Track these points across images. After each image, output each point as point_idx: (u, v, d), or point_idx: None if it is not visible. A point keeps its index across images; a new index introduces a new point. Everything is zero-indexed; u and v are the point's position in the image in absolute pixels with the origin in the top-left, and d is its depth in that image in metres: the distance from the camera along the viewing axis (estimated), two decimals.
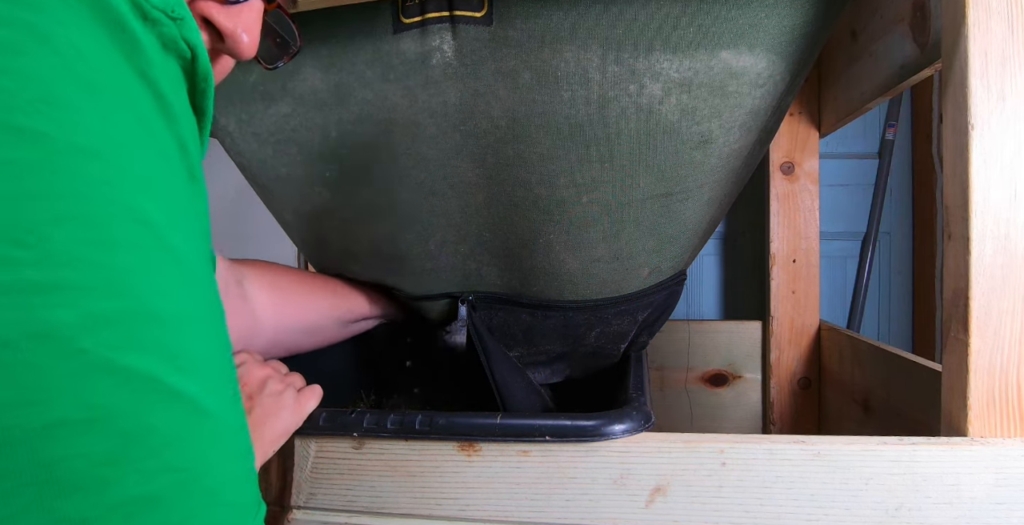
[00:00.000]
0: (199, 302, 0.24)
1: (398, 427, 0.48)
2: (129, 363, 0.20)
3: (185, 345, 0.23)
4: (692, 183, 0.55)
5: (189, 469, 0.22)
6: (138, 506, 0.20)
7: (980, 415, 0.43)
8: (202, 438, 0.23)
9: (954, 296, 0.45)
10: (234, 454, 0.26)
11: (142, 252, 0.21)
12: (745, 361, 1.11)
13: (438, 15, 0.50)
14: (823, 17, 0.49)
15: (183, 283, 0.23)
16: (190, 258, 0.24)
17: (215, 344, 0.25)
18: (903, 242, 1.32)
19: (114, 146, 0.21)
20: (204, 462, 0.23)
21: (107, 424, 0.20)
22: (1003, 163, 0.42)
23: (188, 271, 0.23)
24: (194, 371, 0.23)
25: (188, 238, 0.24)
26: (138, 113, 0.22)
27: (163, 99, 0.23)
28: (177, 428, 0.22)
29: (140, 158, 0.22)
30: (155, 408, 0.21)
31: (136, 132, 0.22)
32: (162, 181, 0.23)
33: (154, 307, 0.21)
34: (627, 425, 0.46)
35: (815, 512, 0.42)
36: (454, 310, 0.67)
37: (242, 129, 0.60)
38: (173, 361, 0.22)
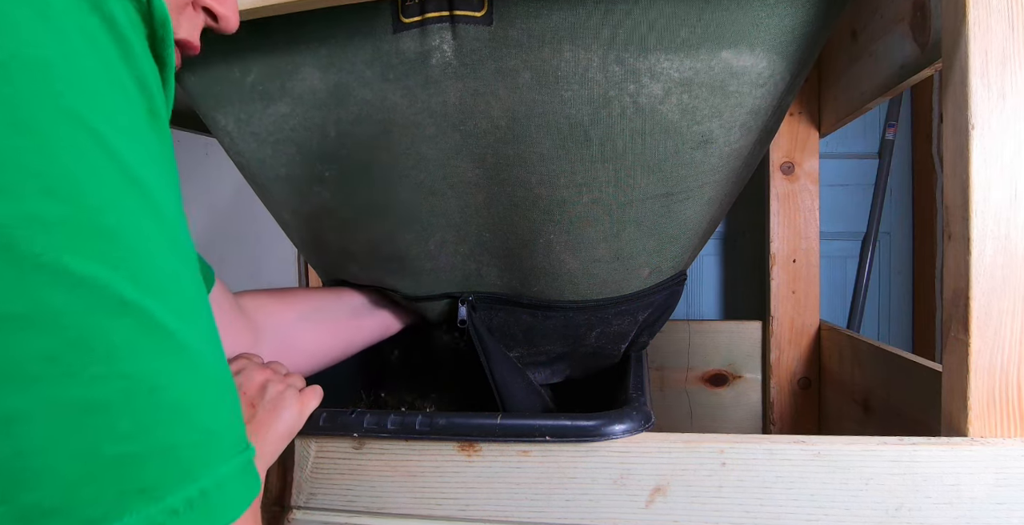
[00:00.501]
0: (157, 225, 0.24)
1: (398, 427, 0.48)
2: (71, 265, 0.20)
3: (142, 262, 0.23)
4: (692, 183, 0.55)
5: (142, 380, 0.22)
6: (77, 408, 0.20)
7: (980, 415, 0.43)
8: (160, 353, 0.23)
9: (954, 296, 0.45)
10: (208, 380, 0.25)
11: (88, 162, 0.21)
12: (745, 361, 1.11)
13: (438, 15, 0.50)
14: (823, 17, 0.49)
15: (137, 202, 0.23)
16: (147, 182, 0.24)
17: (178, 270, 0.25)
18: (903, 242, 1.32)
19: (65, 62, 0.21)
20: (163, 377, 0.23)
21: (46, 323, 0.20)
22: (1003, 163, 0.42)
23: (143, 192, 0.23)
24: (151, 287, 0.23)
25: (147, 167, 0.24)
26: (94, 42, 0.22)
27: (120, 34, 0.24)
28: (130, 337, 0.22)
29: (94, 81, 0.22)
30: (101, 314, 0.21)
31: (91, 58, 0.22)
32: (117, 107, 0.23)
33: (99, 217, 0.21)
34: (627, 425, 0.46)
35: (815, 512, 0.42)
36: (454, 310, 0.67)
37: (241, 129, 0.60)
38: (123, 271, 0.22)
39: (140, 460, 0.22)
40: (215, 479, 0.24)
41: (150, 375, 0.22)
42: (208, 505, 0.24)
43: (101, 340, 0.21)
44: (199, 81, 0.59)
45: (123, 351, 0.21)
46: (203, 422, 0.24)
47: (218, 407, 0.26)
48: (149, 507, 0.22)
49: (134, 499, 0.21)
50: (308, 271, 1.34)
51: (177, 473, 0.23)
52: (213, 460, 0.25)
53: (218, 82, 0.58)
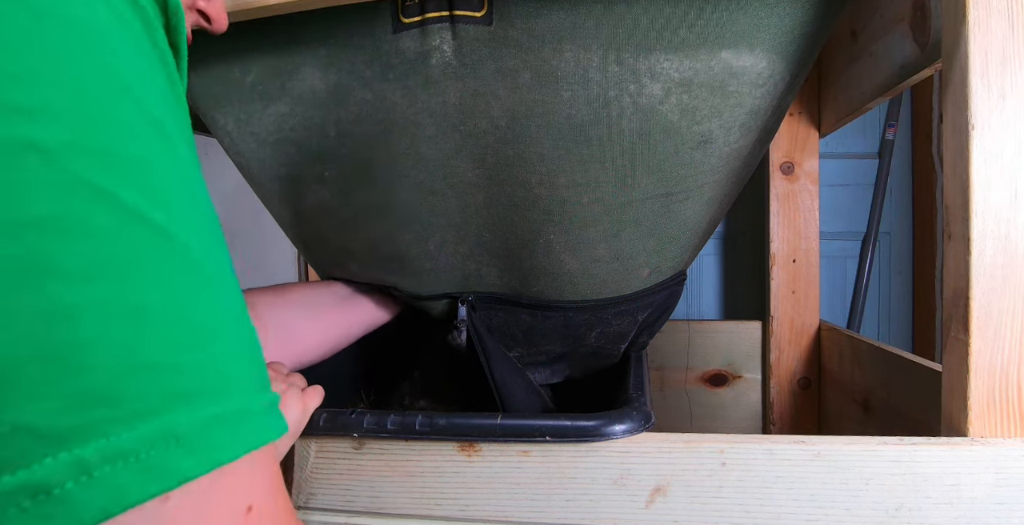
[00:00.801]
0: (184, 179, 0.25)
1: (398, 428, 0.48)
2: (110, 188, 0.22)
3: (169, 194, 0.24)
4: (692, 183, 0.55)
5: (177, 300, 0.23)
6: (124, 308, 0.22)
7: (980, 415, 0.43)
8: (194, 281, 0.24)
9: (954, 296, 0.45)
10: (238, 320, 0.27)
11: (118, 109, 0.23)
12: (745, 361, 1.11)
13: (438, 15, 0.50)
14: (823, 17, 0.49)
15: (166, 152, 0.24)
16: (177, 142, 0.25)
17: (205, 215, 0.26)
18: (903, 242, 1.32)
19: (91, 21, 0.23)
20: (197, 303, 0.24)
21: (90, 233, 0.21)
22: (1003, 163, 0.42)
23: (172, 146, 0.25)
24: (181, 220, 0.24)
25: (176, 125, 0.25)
26: (123, 17, 0.24)
27: (145, 15, 0.25)
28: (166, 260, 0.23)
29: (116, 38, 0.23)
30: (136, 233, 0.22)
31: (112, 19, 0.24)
32: (140, 66, 0.24)
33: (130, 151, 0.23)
34: (627, 425, 0.46)
35: (815, 512, 0.42)
36: (454, 310, 0.67)
37: (240, 129, 0.60)
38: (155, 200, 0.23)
39: (181, 370, 0.23)
40: (250, 401, 0.25)
41: (185, 297, 0.24)
42: (249, 421, 0.25)
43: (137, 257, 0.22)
44: (199, 81, 0.59)
45: (157, 271, 0.23)
46: (236, 352, 0.26)
47: (249, 346, 0.27)
48: (193, 409, 0.23)
49: (178, 401, 0.23)
50: (308, 271, 1.34)
51: (216, 387, 0.24)
52: (246, 385, 0.26)
53: (218, 82, 0.58)
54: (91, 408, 0.21)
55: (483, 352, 0.63)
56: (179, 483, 0.22)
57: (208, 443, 0.23)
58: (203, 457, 0.23)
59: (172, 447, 0.22)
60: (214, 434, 0.23)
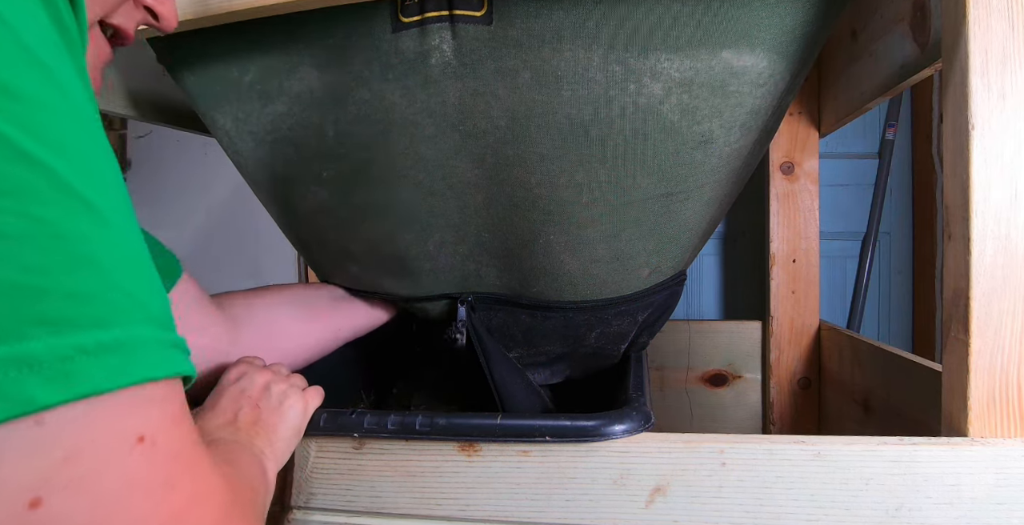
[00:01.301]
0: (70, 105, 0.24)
1: (399, 428, 0.48)
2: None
3: (48, 126, 0.23)
4: (692, 183, 0.55)
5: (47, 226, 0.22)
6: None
7: (980, 415, 0.43)
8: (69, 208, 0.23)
9: (954, 296, 0.45)
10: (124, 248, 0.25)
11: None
12: (745, 361, 1.11)
13: (437, 14, 0.50)
14: (824, 16, 0.49)
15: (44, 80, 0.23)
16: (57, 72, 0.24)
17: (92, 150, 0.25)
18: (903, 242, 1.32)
19: None
20: (73, 229, 0.23)
21: None
22: (1003, 163, 0.42)
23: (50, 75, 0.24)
24: (58, 150, 0.23)
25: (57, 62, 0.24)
26: None
27: None
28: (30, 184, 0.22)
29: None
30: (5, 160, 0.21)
31: None
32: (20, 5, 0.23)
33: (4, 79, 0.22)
34: (627, 425, 0.46)
35: (815, 512, 0.42)
36: (453, 311, 0.67)
37: (239, 128, 0.60)
38: (28, 131, 0.22)
39: (44, 295, 0.22)
40: (132, 334, 0.24)
41: (55, 223, 0.23)
42: (124, 356, 0.24)
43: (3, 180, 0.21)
44: (197, 81, 0.59)
45: (27, 195, 0.22)
46: (120, 283, 0.25)
47: (139, 277, 0.26)
48: (55, 338, 0.22)
49: (37, 327, 0.22)
50: (308, 271, 1.34)
51: (87, 316, 0.23)
52: (133, 320, 0.25)
53: (216, 81, 0.58)
54: None
55: (483, 352, 0.62)
56: (36, 410, 0.21)
57: (72, 372, 0.22)
58: (63, 386, 0.22)
59: (26, 374, 0.21)
60: (80, 364, 0.22)
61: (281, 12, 0.49)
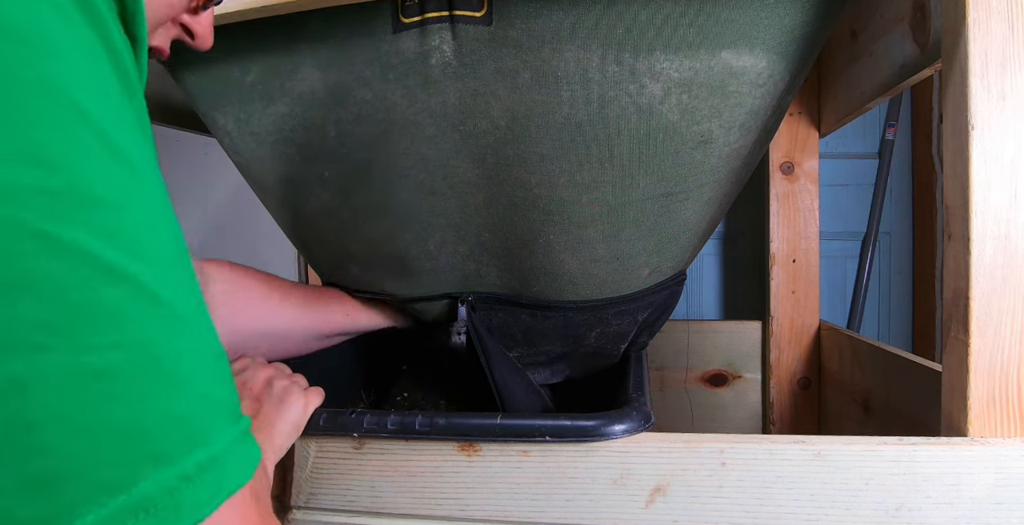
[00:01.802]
0: (143, 196, 0.24)
1: (398, 427, 0.48)
2: (59, 234, 0.20)
3: (128, 229, 0.23)
4: (692, 183, 0.55)
5: (142, 349, 0.22)
6: (79, 375, 0.20)
7: (980, 415, 0.43)
8: (157, 322, 0.23)
9: (954, 296, 0.45)
10: (204, 348, 0.26)
11: (69, 133, 0.21)
12: (745, 361, 1.11)
13: (438, 15, 0.50)
14: (823, 17, 0.49)
15: (121, 172, 0.23)
16: (130, 153, 0.24)
17: (167, 239, 0.25)
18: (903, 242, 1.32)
19: (39, 33, 0.21)
20: (162, 346, 0.23)
21: (41, 291, 0.20)
22: (1003, 163, 0.42)
23: (126, 162, 0.23)
24: (142, 257, 0.23)
25: (127, 136, 0.24)
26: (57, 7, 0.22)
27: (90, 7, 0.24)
28: (125, 305, 0.22)
29: (68, 51, 0.22)
30: (94, 283, 0.21)
31: (56, 22, 0.22)
32: (90, 74, 0.23)
33: (85, 187, 0.21)
34: (627, 425, 0.46)
35: (815, 512, 0.42)
36: (454, 311, 0.67)
37: (240, 129, 0.60)
38: (113, 241, 0.22)
39: (150, 427, 0.22)
40: (222, 444, 0.25)
41: (149, 344, 0.23)
42: (218, 470, 0.24)
43: (97, 308, 0.21)
44: (198, 81, 0.59)
45: (120, 319, 0.22)
46: (204, 389, 0.25)
47: (216, 375, 0.26)
48: (162, 472, 0.22)
49: (146, 465, 0.22)
50: (308, 271, 1.34)
51: (186, 439, 0.23)
52: (217, 426, 0.25)
53: (218, 82, 0.58)
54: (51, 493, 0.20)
55: (483, 352, 0.63)
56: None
57: (181, 504, 0.22)
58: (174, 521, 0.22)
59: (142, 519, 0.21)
60: (184, 496, 0.23)
61: (282, 12, 0.49)
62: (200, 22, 0.40)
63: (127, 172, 0.23)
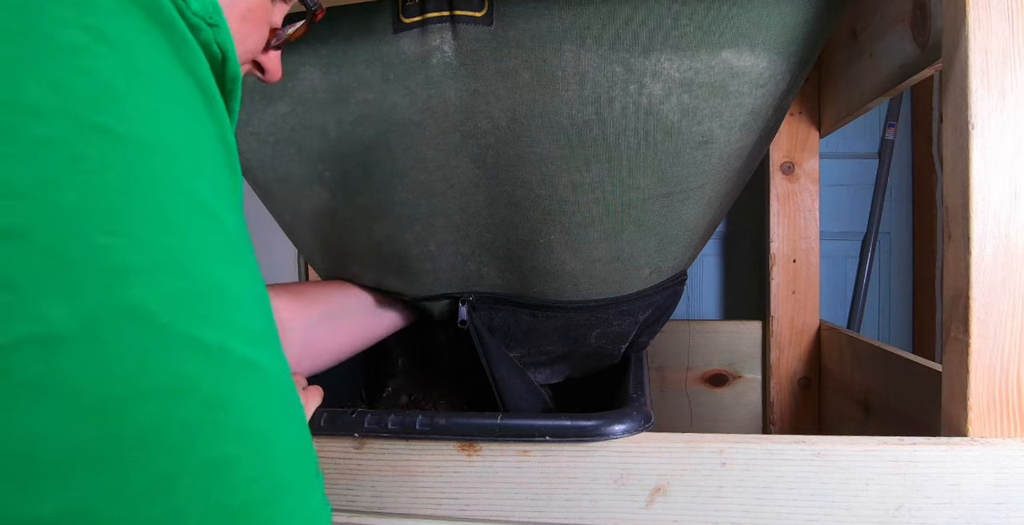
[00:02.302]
0: (253, 279, 0.26)
1: (399, 428, 0.48)
2: (205, 336, 0.22)
3: (248, 318, 0.24)
4: (693, 183, 0.55)
5: (262, 432, 0.24)
6: (218, 465, 0.22)
7: (980, 415, 0.43)
8: (273, 403, 0.25)
9: (954, 296, 0.45)
10: (299, 419, 0.28)
11: (205, 235, 0.23)
12: (745, 361, 1.11)
13: (438, 15, 0.50)
14: (824, 16, 0.49)
15: (239, 262, 0.25)
16: (240, 240, 0.26)
17: (268, 316, 0.27)
18: (903, 242, 1.32)
19: (172, 138, 0.22)
20: (275, 425, 0.25)
21: (188, 392, 0.21)
22: (1003, 163, 0.42)
23: (241, 251, 0.25)
24: (258, 341, 0.25)
25: (237, 222, 0.26)
26: (189, 107, 0.24)
27: (208, 95, 0.25)
28: (251, 394, 0.24)
29: (193, 149, 0.24)
30: (231, 377, 0.23)
31: (188, 125, 0.23)
32: (212, 170, 0.24)
33: (220, 284, 0.23)
34: (627, 425, 0.46)
35: (815, 512, 0.42)
36: (454, 311, 0.67)
37: (241, 128, 0.60)
38: (241, 332, 0.24)
39: (266, 503, 0.24)
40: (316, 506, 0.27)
41: (268, 427, 0.24)
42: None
43: (231, 402, 0.23)
44: None
45: (248, 408, 0.23)
46: (300, 461, 0.27)
47: (307, 444, 0.28)
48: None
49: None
50: (308, 271, 1.34)
51: (292, 509, 0.25)
52: (311, 490, 0.27)
53: None
54: None
55: (483, 352, 0.63)
56: None
57: None
58: None
59: None
60: None
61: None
62: (271, 58, 0.41)
63: (240, 258, 0.25)
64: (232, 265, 0.24)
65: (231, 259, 0.24)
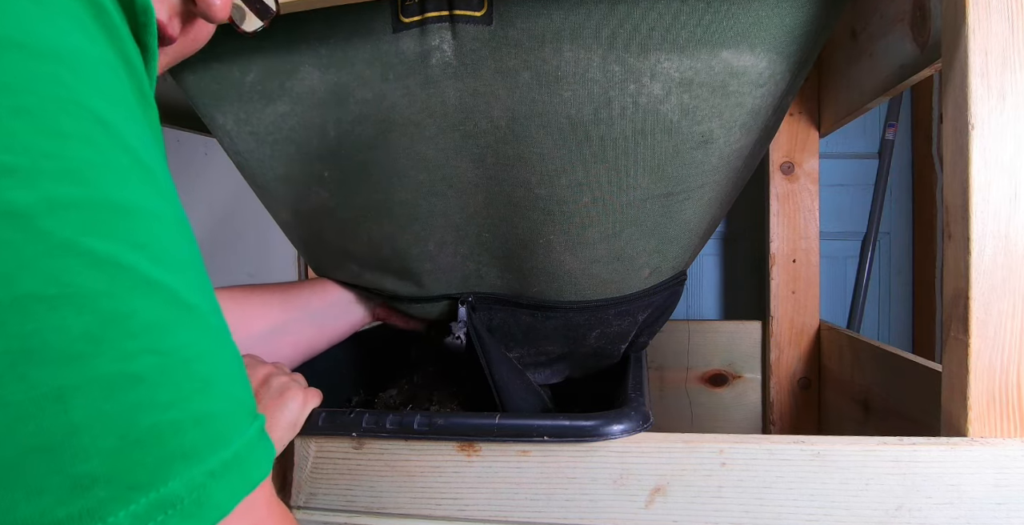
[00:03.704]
0: (165, 204, 0.25)
1: (397, 427, 0.48)
2: (96, 247, 0.21)
3: (156, 239, 0.23)
4: (693, 183, 0.55)
5: (175, 354, 0.23)
6: (118, 381, 0.21)
7: (980, 415, 0.43)
8: (188, 327, 0.24)
9: (954, 296, 0.45)
10: (226, 350, 0.27)
11: (96, 146, 0.22)
12: (745, 361, 1.11)
13: (438, 14, 0.50)
14: (824, 16, 0.49)
15: (145, 182, 0.24)
16: (149, 162, 0.24)
17: (187, 247, 0.26)
18: (903, 242, 1.32)
19: (62, 46, 0.22)
20: (192, 350, 0.24)
21: (80, 303, 0.20)
22: (1003, 163, 0.42)
23: (148, 172, 0.24)
24: (170, 265, 0.24)
25: (145, 146, 0.25)
26: (79, 22, 0.23)
27: (107, 19, 0.24)
28: (159, 313, 0.23)
29: (88, 64, 0.23)
30: (131, 293, 0.22)
31: (80, 38, 0.23)
32: (111, 88, 0.24)
33: (115, 198, 0.22)
34: (625, 425, 0.46)
35: (815, 512, 0.42)
36: (454, 311, 0.67)
37: (240, 128, 0.60)
38: (144, 251, 0.23)
39: (180, 428, 0.23)
40: (244, 442, 0.26)
41: (181, 348, 0.23)
42: (241, 466, 0.25)
43: (134, 317, 0.22)
44: (198, 80, 0.59)
45: (155, 327, 0.23)
46: (229, 390, 0.26)
47: (239, 375, 0.27)
48: (191, 470, 0.23)
49: (176, 463, 0.23)
50: (308, 271, 1.34)
51: (213, 437, 0.24)
52: (240, 424, 0.26)
53: (217, 81, 0.58)
54: (86, 493, 0.20)
55: (483, 353, 0.62)
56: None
57: (205, 502, 0.23)
58: (198, 518, 0.23)
59: (170, 515, 0.22)
60: (210, 491, 0.23)
61: (282, 12, 0.49)
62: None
63: (150, 182, 0.24)
64: (139, 187, 0.23)
65: (132, 177, 0.23)
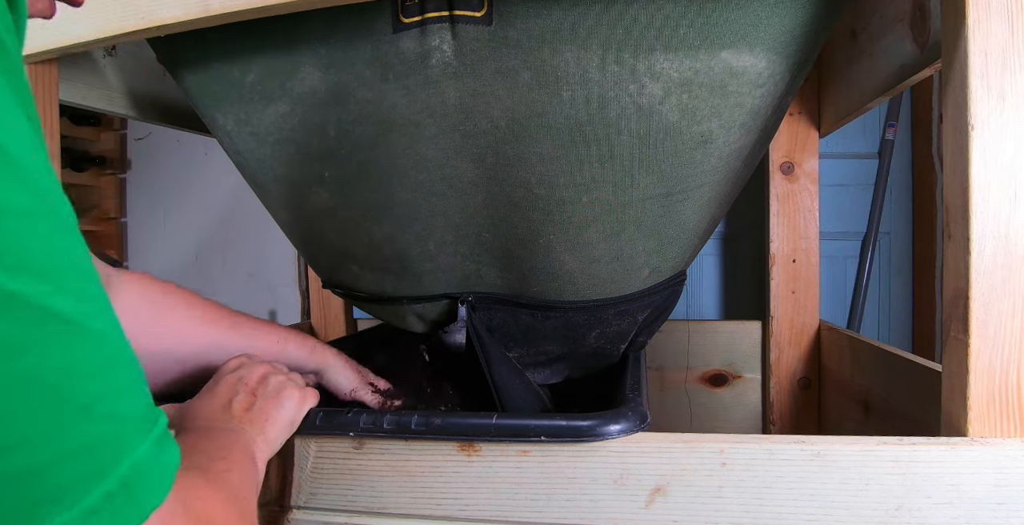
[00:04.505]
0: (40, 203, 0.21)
1: (395, 427, 0.48)
2: None
3: (25, 246, 0.20)
4: (692, 183, 0.55)
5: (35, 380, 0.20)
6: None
7: (980, 415, 0.43)
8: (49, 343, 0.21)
9: (954, 296, 0.45)
10: (114, 359, 0.24)
11: None
12: (745, 361, 1.11)
13: (438, 15, 0.50)
14: (824, 16, 0.49)
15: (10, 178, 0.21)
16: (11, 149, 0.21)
17: (61, 242, 0.22)
18: (903, 242, 1.32)
19: None
20: (68, 370, 0.21)
21: None
22: (1003, 163, 0.42)
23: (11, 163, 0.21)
24: (38, 271, 0.21)
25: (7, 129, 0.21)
26: None
27: None
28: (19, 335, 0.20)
29: None
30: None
31: None
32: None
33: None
34: (623, 425, 0.46)
35: (815, 512, 0.42)
36: (453, 311, 0.67)
37: (240, 128, 0.60)
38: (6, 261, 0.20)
39: (48, 470, 0.20)
40: (132, 464, 0.23)
41: (50, 372, 0.20)
42: (130, 493, 0.23)
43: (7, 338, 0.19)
44: (198, 80, 0.59)
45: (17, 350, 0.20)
46: (113, 408, 0.23)
47: (126, 385, 0.24)
48: (63, 515, 0.20)
49: (47, 510, 0.20)
50: (308, 271, 1.34)
51: (91, 472, 0.21)
52: (127, 446, 0.23)
53: (217, 81, 0.58)
54: None
55: (482, 353, 0.62)
56: None
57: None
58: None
59: None
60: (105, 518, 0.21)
61: (282, 12, 0.49)
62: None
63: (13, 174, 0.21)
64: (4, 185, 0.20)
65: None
